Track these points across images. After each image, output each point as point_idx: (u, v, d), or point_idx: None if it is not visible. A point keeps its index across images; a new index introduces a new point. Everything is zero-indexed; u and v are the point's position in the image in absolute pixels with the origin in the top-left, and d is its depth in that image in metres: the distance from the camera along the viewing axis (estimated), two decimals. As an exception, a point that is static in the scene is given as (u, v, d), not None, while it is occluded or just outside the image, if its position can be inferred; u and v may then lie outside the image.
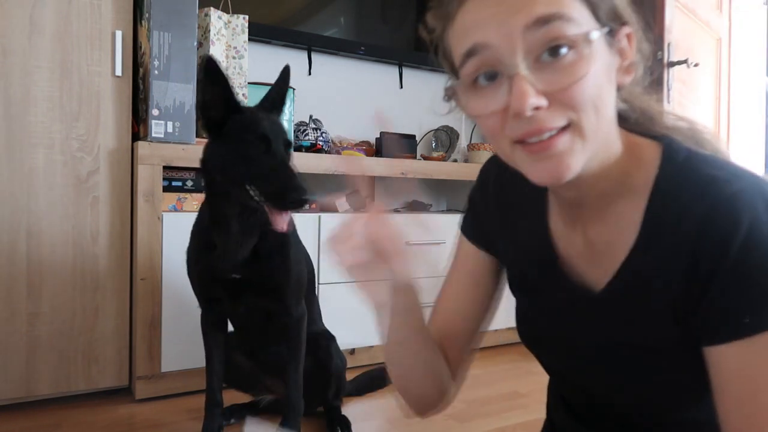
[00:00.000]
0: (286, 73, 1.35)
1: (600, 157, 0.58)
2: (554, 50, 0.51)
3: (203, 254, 1.33)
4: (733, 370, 0.54)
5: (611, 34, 0.55)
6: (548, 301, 0.71)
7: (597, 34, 0.52)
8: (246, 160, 1.19)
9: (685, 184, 0.56)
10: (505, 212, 0.76)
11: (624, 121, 0.63)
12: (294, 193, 1.14)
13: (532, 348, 0.76)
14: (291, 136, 1.21)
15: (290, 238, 1.38)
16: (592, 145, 0.55)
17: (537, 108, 0.51)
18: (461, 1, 0.56)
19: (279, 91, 1.33)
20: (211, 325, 1.43)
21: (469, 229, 0.80)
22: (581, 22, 0.52)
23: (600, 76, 0.53)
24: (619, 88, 0.59)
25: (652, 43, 0.62)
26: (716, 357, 0.55)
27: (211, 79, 1.19)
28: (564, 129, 0.53)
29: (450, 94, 0.60)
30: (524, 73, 0.51)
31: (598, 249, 0.64)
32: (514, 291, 0.77)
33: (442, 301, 0.81)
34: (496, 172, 0.77)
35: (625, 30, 0.57)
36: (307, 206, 1.22)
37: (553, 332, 0.71)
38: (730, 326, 0.53)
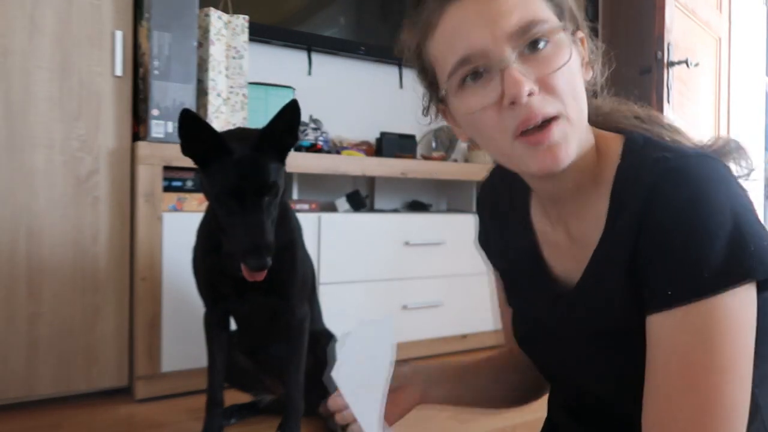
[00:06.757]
0: (288, 109, 1.19)
1: (581, 146, 0.62)
2: (534, 44, 0.57)
3: (211, 252, 1.34)
4: (656, 340, 0.55)
5: (573, 33, 0.62)
6: (536, 301, 0.73)
7: (567, 31, 0.60)
8: (219, 210, 1.18)
9: (640, 168, 0.59)
10: (497, 223, 0.80)
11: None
12: (253, 260, 1.12)
13: (529, 353, 0.78)
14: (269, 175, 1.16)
15: (297, 239, 1.39)
16: (579, 133, 0.60)
17: (530, 94, 0.56)
18: (442, 10, 0.60)
19: (280, 125, 1.19)
20: (214, 324, 1.43)
21: (482, 244, 0.85)
22: (552, 22, 0.59)
23: (574, 67, 0.59)
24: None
25: (599, 50, 0.68)
26: (648, 327, 0.57)
27: (190, 132, 1.12)
28: (555, 119, 0.57)
29: (429, 107, 0.68)
30: (515, 65, 0.56)
31: (577, 243, 0.66)
32: (510, 301, 0.81)
33: (502, 315, 0.88)
34: (490, 187, 0.82)
35: (579, 34, 0.64)
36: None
37: (543, 332, 0.72)
38: (658, 297, 0.55)
